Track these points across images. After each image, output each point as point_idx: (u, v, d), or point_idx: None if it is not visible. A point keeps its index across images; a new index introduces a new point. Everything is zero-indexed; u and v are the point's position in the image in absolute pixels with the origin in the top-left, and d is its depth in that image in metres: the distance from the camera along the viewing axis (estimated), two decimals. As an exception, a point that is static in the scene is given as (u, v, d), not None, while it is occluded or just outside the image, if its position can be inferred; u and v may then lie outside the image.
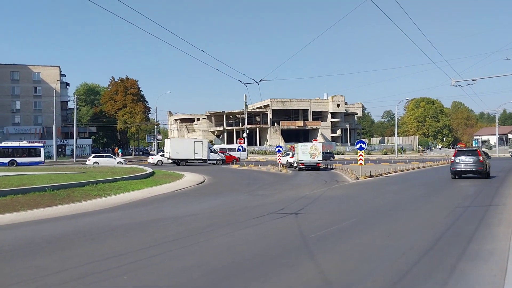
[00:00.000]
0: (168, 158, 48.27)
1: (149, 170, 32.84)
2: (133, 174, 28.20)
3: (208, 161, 48.96)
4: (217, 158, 50.11)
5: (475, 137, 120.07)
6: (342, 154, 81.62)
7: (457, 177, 24.45)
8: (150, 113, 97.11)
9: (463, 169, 24.09)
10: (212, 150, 50.99)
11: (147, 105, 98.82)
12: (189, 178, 28.00)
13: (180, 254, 7.67)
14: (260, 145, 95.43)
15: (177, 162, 47.43)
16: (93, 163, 47.53)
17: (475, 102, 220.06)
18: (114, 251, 7.94)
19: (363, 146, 27.56)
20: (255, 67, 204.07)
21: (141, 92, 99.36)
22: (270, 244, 8.30)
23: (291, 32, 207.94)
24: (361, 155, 27.81)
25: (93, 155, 55.31)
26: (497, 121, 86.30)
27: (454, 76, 30.86)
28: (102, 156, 53.23)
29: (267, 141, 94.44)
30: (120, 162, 49.38)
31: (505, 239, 8.19)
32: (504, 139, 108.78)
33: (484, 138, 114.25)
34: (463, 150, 25.69)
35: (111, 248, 8.26)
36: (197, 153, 48.41)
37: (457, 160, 24.22)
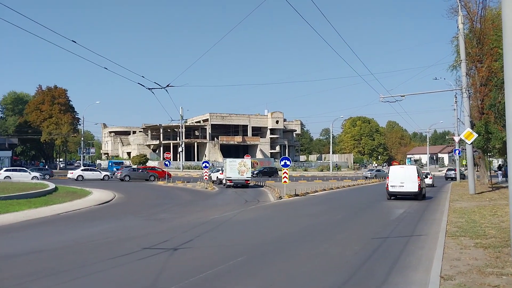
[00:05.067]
0: None
1: (52, 186, 29.05)
2: (27, 191, 24.32)
3: None
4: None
5: (408, 156, 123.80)
6: (280, 170, 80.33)
7: None
8: (79, 124, 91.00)
9: None
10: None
11: (76, 116, 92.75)
12: (94, 197, 24.58)
13: None
14: (198, 160, 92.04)
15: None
16: (4, 178, 42.19)
17: (407, 121, 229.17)
18: None
19: (288, 163, 25.53)
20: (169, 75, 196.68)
21: (70, 102, 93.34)
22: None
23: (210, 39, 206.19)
24: (285, 172, 25.76)
25: (4, 169, 49.50)
26: (428, 141, 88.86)
27: (383, 92, 29.93)
28: (15, 170, 47.74)
29: (205, 156, 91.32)
30: (36, 177, 44.35)
31: (420, 294, 6.01)
32: (434, 158, 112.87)
33: (417, 157, 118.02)
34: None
35: None
36: None
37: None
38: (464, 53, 26.35)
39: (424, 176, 27.73)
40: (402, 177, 22.67)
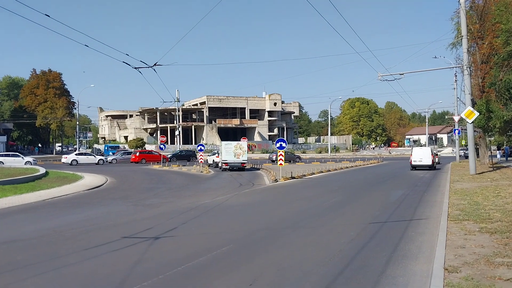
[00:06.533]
0: None
1: (43, 171, 28.40)
2: (16, 177, 23.66)
3: None
4: None
5: (407, 137, 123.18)
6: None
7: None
8: (75, 108, 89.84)
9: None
10: None
11: (71, 100, 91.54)
12: (85, 182, 23.89)
13: None
14: (196, 143, 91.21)
15: None
16: None
17: (406, 101, 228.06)
18: None
19: (283, 145, 24.80)
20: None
21: (65, 86, 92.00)
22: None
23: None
24: (281, 154, 25.04)
25: (-5, 154, 48.69)
26: (427, 121, 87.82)
27: (381, 70, 29.01)
28: (8, 155, 46.97)
29: (203, 139, 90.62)
30: (29, 162, 43.62)
31: (422, 288, 5.33)
32: (433, 139, 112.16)
33: (416, 137, 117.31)
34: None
35: None
36: None
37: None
38: (465, 29, 25.37)
39: (435, 154, 35.83)
40: (421, 155, 32.12)
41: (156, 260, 7.17)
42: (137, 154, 52.18)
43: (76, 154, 48.73)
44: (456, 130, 45.62)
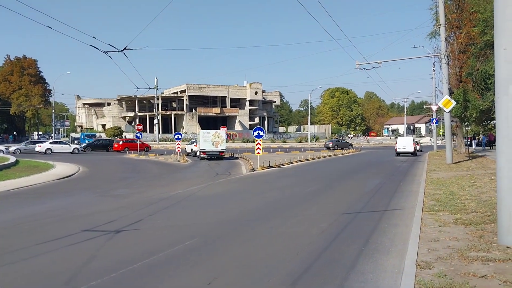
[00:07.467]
0: None
1: (13, 160, 27.56)
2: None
3: None
4: None
5: (385, 126, 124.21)
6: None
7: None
8: (51, 96, 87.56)
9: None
10: None
11: (48, 87, 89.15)
12: (56, 171, 23.10)
13: None
14: (175, 132, 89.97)
15: None
16: None
17: (385, 91, 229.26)
18: None
19: (261, 133, 24.37)
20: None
21: (41, 73, 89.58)
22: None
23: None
24: (258, 143, 24.63)
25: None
26: (405, 111, 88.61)
27: (359, 59, 28.71)
28: None
29: (183, 128, 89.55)
30: (1, 150, 42.30)
31: (393, 286, 4.98)
32: (411, 128, 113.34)
33: (394, 127, 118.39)
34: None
35: None
36: None
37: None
38: (443, 17, 25.23)
39: (417, 142, 41.78)
40: (404, 143, 37.27)
41: (113, 255, 6.68)
42: (120, 143, 50.79)
43: (50, 143, 47.36)
44: (434, 120, 45.94)
